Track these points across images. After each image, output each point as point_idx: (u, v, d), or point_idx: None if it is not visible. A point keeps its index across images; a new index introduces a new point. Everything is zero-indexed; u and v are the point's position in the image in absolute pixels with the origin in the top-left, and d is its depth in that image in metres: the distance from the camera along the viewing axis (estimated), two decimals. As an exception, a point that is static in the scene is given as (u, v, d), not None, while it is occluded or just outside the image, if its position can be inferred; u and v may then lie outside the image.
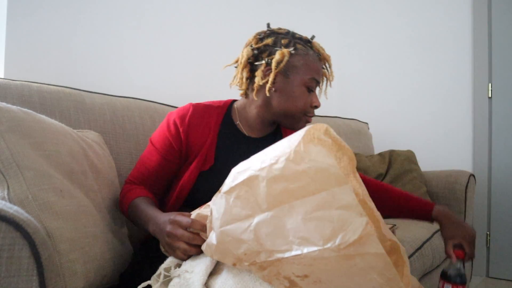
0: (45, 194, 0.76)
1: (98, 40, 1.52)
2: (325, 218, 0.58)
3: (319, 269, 0.60)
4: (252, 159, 0.68)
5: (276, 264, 0.62)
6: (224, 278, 0.67)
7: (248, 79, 1.01)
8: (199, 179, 0.99)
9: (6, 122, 0.78)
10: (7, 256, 0.57)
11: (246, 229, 0.64)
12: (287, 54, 0.95)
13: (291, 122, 1.01)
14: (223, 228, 0.66)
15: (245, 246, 0.64)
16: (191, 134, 0.99)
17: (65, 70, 1.42)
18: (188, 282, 0.68)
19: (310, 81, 0.97)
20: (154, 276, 0.75)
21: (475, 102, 2.31)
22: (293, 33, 1.01)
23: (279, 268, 0.62)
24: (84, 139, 1.00)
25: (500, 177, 2.24)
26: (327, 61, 1.03)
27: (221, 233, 0.67)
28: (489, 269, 2.26)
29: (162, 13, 1.76)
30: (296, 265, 0.61)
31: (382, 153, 2.06)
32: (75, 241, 0.77)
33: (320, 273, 0.60)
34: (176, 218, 0.78)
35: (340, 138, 0.64)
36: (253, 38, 1.01)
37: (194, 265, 0.71)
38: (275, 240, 0.61)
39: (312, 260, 0.59)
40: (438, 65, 2.43)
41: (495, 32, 2.26)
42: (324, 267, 0.59)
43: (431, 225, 1.65)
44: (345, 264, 0.58)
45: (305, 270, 0.61)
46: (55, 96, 1.14)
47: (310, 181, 0.59)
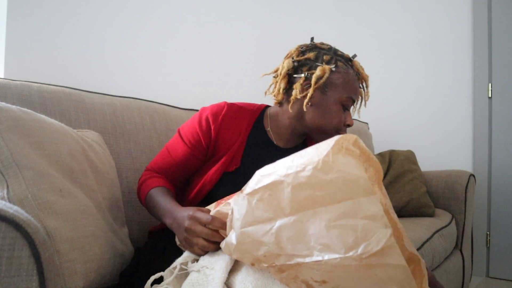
0: (45, 194, 0.76)
1: (98, 40, 1.52)
2: (349, 227, 0.58)
3: (338, 276, 0.60)
4: (278, 163, 0.68)
5: (295, 268, 0.62)
6: (244, 274, 0.68)
7: (285, 90, 1.01)
8: (222, 179, 0.99)
9: (5, 121, 0.78)
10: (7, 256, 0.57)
11: (267, 232, 0.64)
12: (328, 71, 0.95)
13: (322, 137, 1.01)
14: (243, 229, 0.66)
15: (265, 248, 0.64)
16: (222, 133, 0.99)
17: (65, 70, 1.42)
18: (208, 278, 0.68)
19: (347, 100, 0.98)
20: (169, 268, 0.75)
21: (475, 102, 2.31)
22: (335, 50, 1.01)
23: (298, 272, 0.62)
24: (84, 139, 1.00)
25: (500, 177, 2.24)
26: (365, 81, 1.03)
27: (241, 233, 0.67)
28: (489, 269, 2.26)
29: (162, 13, 1.76)
30: (316, 271, 0.61)
31: (382, 153, 2.06)
32: (75, 240, 0.77)
33: (339, 280, 0.60)
34: (196, 214, 0.78)
35: (368, 149, 0.64)
36: (295, 50, 1.01)
37: (214, 262, 0.71)
38: (296, 244, 0.62)
39: (332, 267, 0.59)
40: (438, 65, 2.43)
41: (495, 32, 2.27)
42: (344, 275, 0.59)
43: (431, 225, 1.65)
44: (365, 273, 0.58)
45: (324, 276, 0.61)
46: (55, 96, 1.14)
47: (337, 190, 0.60)
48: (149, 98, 1.59)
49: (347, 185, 0.59)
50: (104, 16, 1.55)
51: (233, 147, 1.00)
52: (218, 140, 0.99)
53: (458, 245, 1.88)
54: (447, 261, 1.72)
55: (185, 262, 0.75)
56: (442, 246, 1.60)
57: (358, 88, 1.01)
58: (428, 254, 1.44)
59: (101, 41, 1.53)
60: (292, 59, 0.99)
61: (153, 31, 1.72)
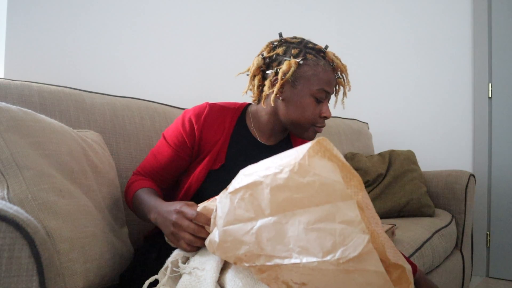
0: (45, 194, 0.76)
1: (98, 40, 1.52)
2: (327, 231, 0.58)
3: (317, 279, 0.60)
4: (260, 163, 0.68)
5: (275, 269, 0.63)
6: (234, 272, 0.68)
7: (259, 87, 1.02)
8: (208, 177, 1.00)
9: (5, 121, 0.78)
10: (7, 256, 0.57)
11: (248, 232, 0.64)
12: (294, 65, 0.94)
13: (299, 131, 1.01)
14: (226, 227, 0.67)
15: (246, 248, 0.64)
16: (205, 132, 1.00)
17: (65, 70, 1.42)
18: (200, 280, 0.68)
19: (319, 92, 0.97)
20: (162, 270, 0.75)
21: (475, 102, 2.31)
22: (307, 43, 1.00)
23: (278, 273, 0.63)
24: (84, 139, 1.00)
25: (500, 177, 2.24)
26: (342, 70, 1.01)
27: (223, 232, 0.67)
28: (489, 269, 2.26)
29: (162, 13, 1.76)
30: (295, 273, 0.61)
31: (382, 153, 2.06)
32: (75, 240, 0.77)
33: (317, 283, 0.60)
34: (182, 209, 0.78)
35: (346, 162, 0.64)
36: (266, 47, 1.02)
37: (204, 262, 0.71)
38: (276, 245, 0.62)
39: (310, 270, 0.60)
40: (438, 65, 2.43)
41: (495, 32, 2.27)
42: (322, 278, 0.60)
43: (431, 225, 1.65)
44: (343, 277, 0.58)
45: (303, 279, 0.61)
46: (55, 96, 1.14)
47: (314, 193, 0.60)
48: (149, 98, 1.59)
49: (324, 189, 0.60)
50: (104, 16, 1.54)
51: (217, 145, 1.01)
52: (202, 139, 1.00)
53: (458, 245, 1.88)
54: (447, 261, 1.72)
55: (175, 260, 0.75)
56: (442, 246, 1.60)
57: (332, 79, 0.98)
58: (428, 254, 1.44)
59: (101, 41, 1.53)
60: (262, 56, 1.00)
61: (153, 31, 1.72)
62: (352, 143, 2.17)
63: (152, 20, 1.72)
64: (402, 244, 1.35)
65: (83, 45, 1.48)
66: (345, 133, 2.16)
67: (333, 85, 0.99)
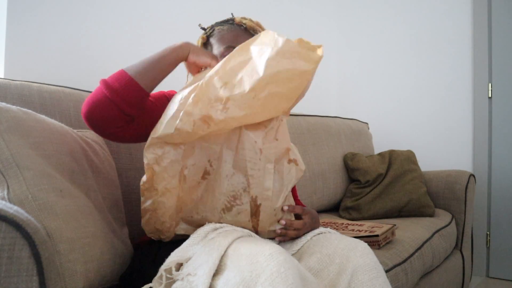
0: (45, 194, 0.76)
1: (99, 40, 1.52)
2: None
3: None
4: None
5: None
6: (225, 279, 0.67)
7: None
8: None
9: (6, 122, 0.78)
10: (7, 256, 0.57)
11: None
12: (201, 39, 1.11)
13: None
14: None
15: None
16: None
17: (65, 70, 1.42)
18: (192, 285, 0.68)
19: (227, 49, 1.04)
20: (156, 278, 0.75)
21: (475, 102, 2.31)
22: (222, 20, 1.13)
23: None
24: (84, 139, 1.00)
25: (500, 177, 2.24)
26: (254, 28, 1.08)
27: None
28: (489, 269, 2.26)
29: (162, 13, 1.76)
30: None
31: (382, 153, 2.06)
32: (75, 241, 0.77)
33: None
34: (189, 42, 0.98)
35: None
36: (200, 38, 1.15)
37: (197, 267, 0.71)
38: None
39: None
40: (438, 65, 2.43)
41: (495, 32, 2.27)
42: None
43: (431, 225, 1.65)
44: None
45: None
46: (55, 96, 1.14)
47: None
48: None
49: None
50: (105, 16, 1.55)
51: None
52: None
53: (458, 245, 1.88)
54: (447, 261, 1.72)
55: (169, 268, 0.75)
56: (442, 246, 1.60)
57: (239, 35, 1.06)
58: (428, 254, 1.44)
59: (101, 41, 1.53)
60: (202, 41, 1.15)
61: (154, 31, 1.72)
62: (352, 143, 2.17)
63: (153, 20, 1.72)
64: (402, 244, 1.35)
65: (83, 45, 1.48)
66: (345, 133, 2.16)
67: (243, 41, 1.00)
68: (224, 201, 0.85)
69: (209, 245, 0.75)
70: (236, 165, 0.85)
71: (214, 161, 0.86)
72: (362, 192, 1.92)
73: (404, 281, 1.23)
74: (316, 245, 0.87)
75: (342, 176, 2.03)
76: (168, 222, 0.87)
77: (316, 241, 0.89)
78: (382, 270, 0.82)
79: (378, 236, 1.27)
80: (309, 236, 0.92)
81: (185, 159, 0.84)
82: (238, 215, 0.86)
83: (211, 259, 0.71)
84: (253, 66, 0.77)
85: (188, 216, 0.89)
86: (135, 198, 1.23)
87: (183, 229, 0.90)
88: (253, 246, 0.71)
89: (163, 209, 0.85)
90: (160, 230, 0.89)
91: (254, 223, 0.87)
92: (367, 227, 1.38)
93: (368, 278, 0.78)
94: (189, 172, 0.85)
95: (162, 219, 0.86)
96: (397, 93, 2.58)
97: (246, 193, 0.85)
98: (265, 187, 0.85)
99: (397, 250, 1.30)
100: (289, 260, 0.67)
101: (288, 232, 0.91)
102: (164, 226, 0.88)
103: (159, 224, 0.87)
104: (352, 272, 0.79)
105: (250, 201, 0.85)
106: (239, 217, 0.86)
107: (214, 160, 0.86)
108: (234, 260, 0.70)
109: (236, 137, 0.84)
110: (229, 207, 0.86)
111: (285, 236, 0.92)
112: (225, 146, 0.85)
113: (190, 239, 0.81)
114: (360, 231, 1.34)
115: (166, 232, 0.89)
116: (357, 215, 1.85)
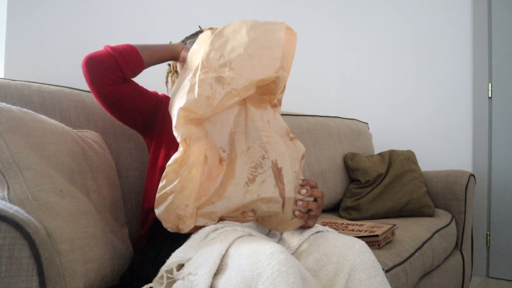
0: (45, 194, 0.76)
1: (98, 40, 1.52)
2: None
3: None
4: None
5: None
6: (227, 278, 0.67)
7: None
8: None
9: (6, 122, 0.78)
10: (7, 256, 0.57)
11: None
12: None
13: None
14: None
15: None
16: (168, 117, 1.08)
17: (65, 70, 1.42)
18: (193, 285, 0.68)
19: None
20: (156, 278, 0.74)
21: (475, 102, 2.31)
22: (191, 33, 1.23)
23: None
24: (84, 139, 1.00)
25: (500, 177, 2.24)
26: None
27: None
28: (489, 269, 2.26)
29: (162, 13, 1.76)
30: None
31: (382, 153, 2.06)
32: (75, 241, 0.77)
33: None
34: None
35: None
36: None
37: (198, 267, 0.71)
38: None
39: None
40: (438, 65, 2.43)
41: (495, 32, 2.27)
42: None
43: (431, 225, 1.65)
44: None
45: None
46: (55, 96, 1.14)
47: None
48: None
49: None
50: (104, 16, 1.55)
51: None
52: (166, 114, 1.08)
53: (458, 245, 1.88)
54: (447, 261, 1.72)
55: (170, 269, 0.75)
56: (442, 246, 1.60)
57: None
58: (428, 254, 1.44)
59: (101, 41, 1.53)
60: (169, 65, 1.28)
61: (153, 31, 1.72)
62: (352, 143, 2.17)
63: (153, 20, 1.72)
64: (402, 244, 1.35)
65: (83, 45, 1.48)
66: (345, 133, 2.16)
67: None
68: (246, 174, 0.87)
69: (210, 245, 0.75)
70: (249, 139, 0.90)
71: (225, 146, 0.91)
72: (362, 192, 1.92)
73: (404, 281, 1.23)
74: (314, 245, 0.87)
75: (342, 176, 2.03)
76: (191, 207, 0.84)
77: (313, 240, 0.89)
78: (380, 268, 0.81)
79: (378, 236, 1.27)
80: (306, 234, 0.91)
81: (204, 139, 0.88)
82: (263, 183, 0.87)
83: (212, 258, 0.71)
84: (237, 38, 0.91)
85: (209, 204, 0.87)
86: (135, 198, 1.23)
87: (203, 221, 0.87)
88: (253, 245, 0.70)
89: (189, 189, 0.83)
90: (182, 217, 0.84)
91: (281, 188, 0.87)
92: (367, 227, 1.38)
93: (366, 277, 0.77)
94: (209, 153, 0.88)
95: (186, 202, 0.83)
96: (397, 93, 2.58)
97: (266, 160, 0.88)
98: (281, 151, 0.89)
99: (397, 250, 1.30)
100: (290, 259, 0.67)
101: (312, 206, 0.92)
102: (187, 212, 0.83)
103: (182, 209, 0.83)
104: (350, 271, 0.78)
105: (271, 166, 0.88)
106: (264, 185, 0.86)
107: (225, 145, 0.91)
108: (235, 259, 0.69)
109: (242, 118, 0.92)
110: (252, 179, 0.87)
111: (308, 213, 0.93)
112: (234, 129, 0.92)
113: (191, 239, 0.81)
114: (360, 231, 1.34)
115: (187, 220, 0.84)
116: (357, 215, 1.85)
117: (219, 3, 2.01)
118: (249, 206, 0.87)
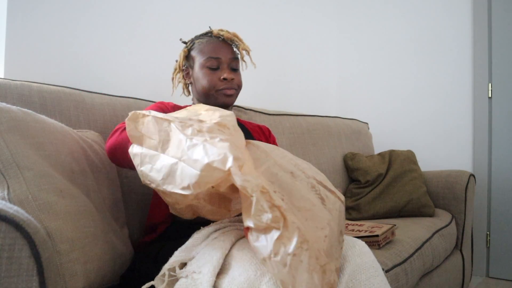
0: (45, 194, 0.76)
1: (98, 40, 1.52)
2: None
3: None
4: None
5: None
6: (230, 278, 0.67)
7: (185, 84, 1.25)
8: None
9: (6, 122, 0.78)
10: (7, 256, 0.57)
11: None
12: (183, 53, 1.18)
13: (211, 100, 1.13)
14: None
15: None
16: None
17: (65, 70, 1.42)
18: (196, 283, 0.68)
19: (208, 61, 1.12)
20: (159, 276, 0.74)
21: (475, 102, 2.31)
22: (201, 33, 1.19)
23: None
24: (84, 139, 1.00)
25: (500, 177, 2.24)
26: (231, 39, 1.15)
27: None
28: (489, 269, 2.26)
29: (162, 13, 1.76)
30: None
31: (382, 153, 2.06)
32: (75, 241, 0.77)
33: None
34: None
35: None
36: (183, 52, 1.21)
37: (201, 266, 0.71)
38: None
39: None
40: (438, 65, 2.43)
41: (495, 32, 2.27)
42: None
43: (431, 225, 1.65)
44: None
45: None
46: (55, 96, 1.14)
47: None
48: (149, 98, 1.59)
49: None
50: (104, 16, 1.54)
51: None
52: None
53: (458, 245, 1.88)
54: (447, 261, 1.72)
55: (173, 268, 0.75)
56: (442, 246, 1.60)
57: (218, 47, 1.13)
58: (428, 254, 1.44)
59: (101, 41, 1.53)
60: (176, 61, 1.22)
61: (154, 31, 1.72)
62: (352, 143, 2.17)
63: (153, 21, 1.72)
64: (402, 244, 1.35)
65: (83, 45, 1.48)
66: (345, 133, 2.16)
67: (222, 51, 1.13)
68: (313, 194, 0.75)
69: (213, 244, 0.75)
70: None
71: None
72: (362, 192, 1.92)
73: (404, 281, 1.23)
74: None
75: (342, 176, 2.03)
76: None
77: None
78: (380, 268, 0.81)
79: (378, 236, 1.27)
80: None
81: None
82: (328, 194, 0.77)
83: (215, 258, 0.71)
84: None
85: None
86: (135, 198, 1.23)
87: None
88: None
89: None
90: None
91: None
92: (367, 227, 1.38)
93: (365, 277, 0.77)
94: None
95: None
96: (397, 93, 2.58)
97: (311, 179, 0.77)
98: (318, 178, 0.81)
99: (397, 250, 1.30)
100: None
101: None
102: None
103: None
104: (350, 272, 0.78)
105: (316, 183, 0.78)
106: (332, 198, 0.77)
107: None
108: (239, 259, 0.70)
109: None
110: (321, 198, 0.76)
111: None
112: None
113: (193, 239, 0.81)
114: (360, 231, 1.34)
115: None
116: (357, 215, 1.85)
117: (219, 3, 2.01)
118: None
